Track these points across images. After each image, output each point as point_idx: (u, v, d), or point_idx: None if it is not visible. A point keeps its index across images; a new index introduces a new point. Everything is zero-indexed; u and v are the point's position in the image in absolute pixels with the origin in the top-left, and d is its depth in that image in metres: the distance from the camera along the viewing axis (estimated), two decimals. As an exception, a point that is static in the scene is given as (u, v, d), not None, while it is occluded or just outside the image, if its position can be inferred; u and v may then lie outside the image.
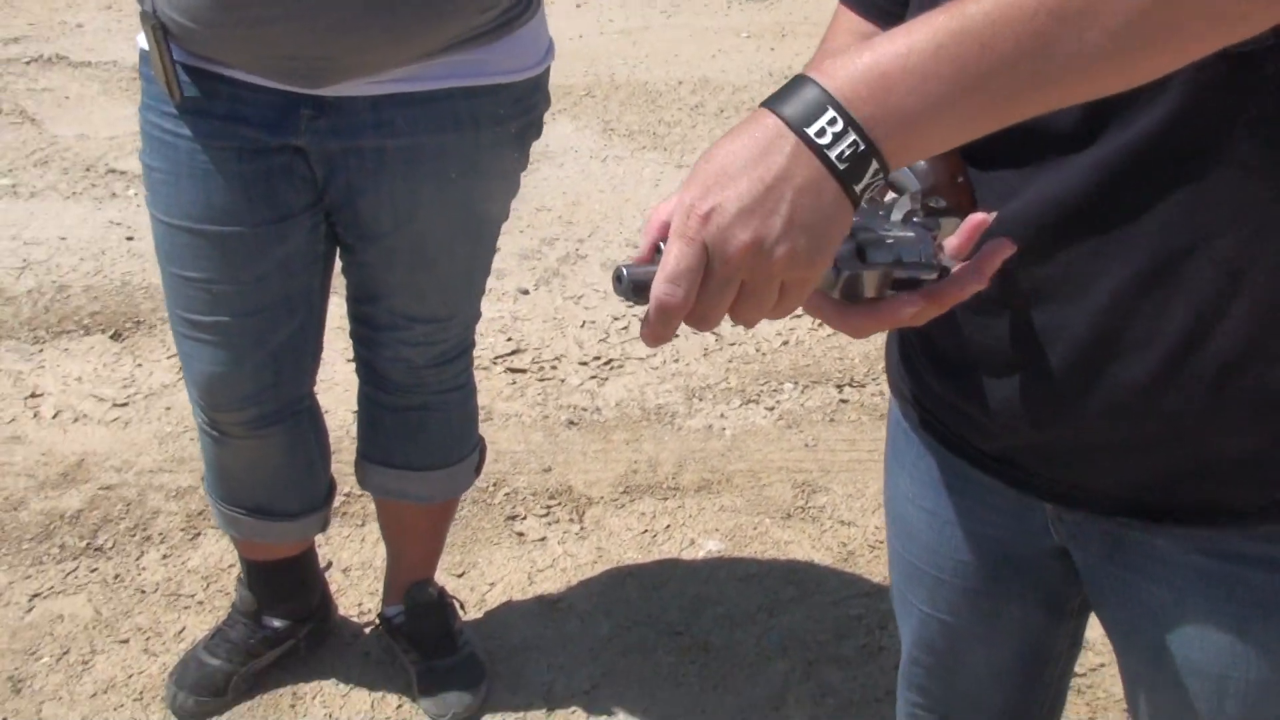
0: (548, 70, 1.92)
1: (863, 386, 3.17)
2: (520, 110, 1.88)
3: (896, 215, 0.89)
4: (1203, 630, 1.06)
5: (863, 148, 0.77)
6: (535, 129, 1.94)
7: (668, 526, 2.69)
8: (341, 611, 2.43)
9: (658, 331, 0.80)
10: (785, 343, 3.35)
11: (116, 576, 2.52)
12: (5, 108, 4.87)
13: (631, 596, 2.49)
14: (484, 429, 2.31)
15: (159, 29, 1.68)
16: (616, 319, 3.46)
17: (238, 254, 1.80)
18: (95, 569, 2.54)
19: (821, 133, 0.77)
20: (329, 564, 2.52)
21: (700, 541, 2.65)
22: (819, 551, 2.61)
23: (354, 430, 2.23)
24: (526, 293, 3.61)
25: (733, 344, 3.34)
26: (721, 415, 3.06)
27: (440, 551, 2.31)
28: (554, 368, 3.26)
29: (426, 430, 2.09)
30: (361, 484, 2.19)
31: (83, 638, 2.36)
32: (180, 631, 2.39)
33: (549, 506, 2.74)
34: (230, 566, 2.52)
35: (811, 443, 2.95)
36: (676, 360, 3.29)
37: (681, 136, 4.74)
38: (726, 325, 3.39)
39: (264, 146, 1.76)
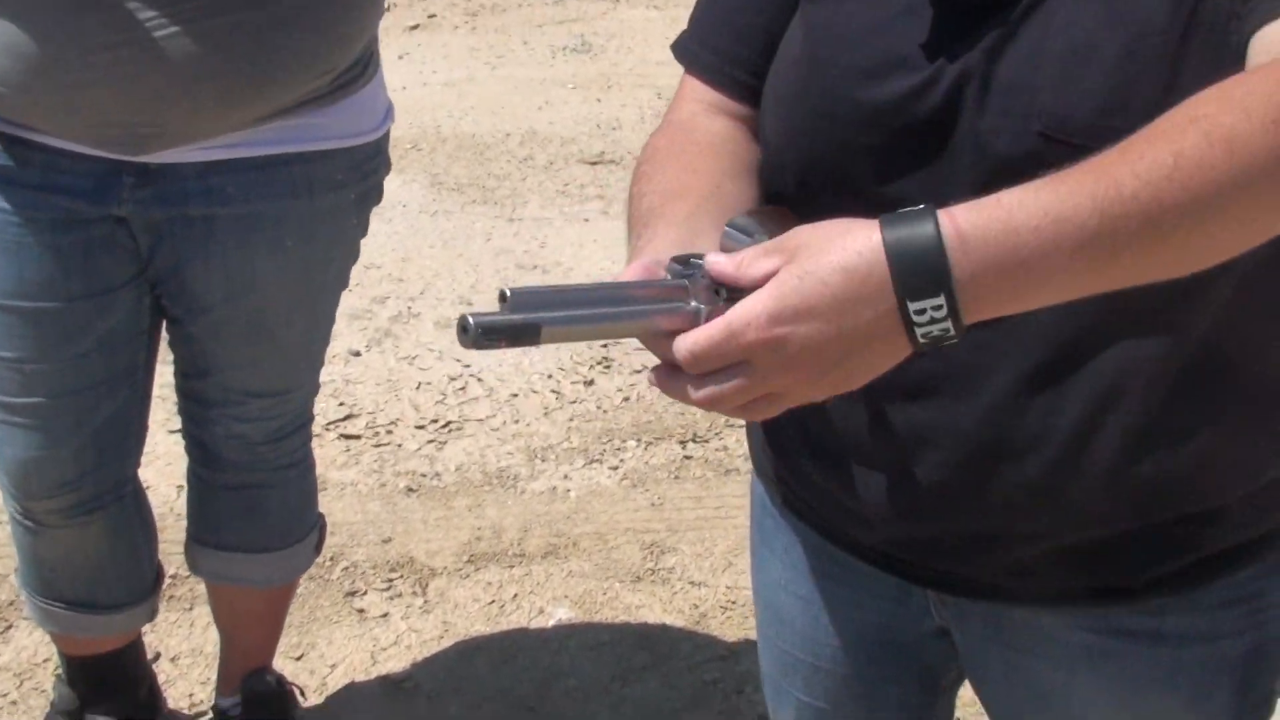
0: (387, 134, 1.85)
1: (706, 441, 3.16)
2: (359, 175, 1.81)
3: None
4: (1092, 707, 1.05)
5: (952, 333, 0.76)
6: (375, 194, 1.87)
7: (515, 595, 2.61)
8: (171, 704, 2.28)
9: (668, 386, 0.81)
10: (626, 399, 3.32)
11: (-83, 677, 2.32)
12: None
13: (481, 672, 2.41)
14: (319, 500, 2.20)
15: None
16: (453, 379, 3.37)
17: (53, 332, 1.68)
18: (-108, 670, 2.33)
19: (923, 313, 0.75)
20: (156, 655, 2.36)
21: (549, 610, 2.58)
22: (670, 614, 2.57)
23: (180, 507, 2.10)
24: (358, 354, 3.49)
25: (573, 402, 3.29)
26: (565, 476, 3.01)
27: (278, 637, 2.19)
28: (389, 432, 3.15)
29: (264, 510, 1.98)
30: (192, 569, 2.07)
31: (-121, 748, 2.16)
32: (-9, 735, 2.21)
33: (390, 580, 2.64)
34: (46, 660, 2.34)
35: (657, 501, 2.92)
36: (517, 421, 3.22)
37: (512, 190, 4.69)
38: (567, 383, 3.36)
39: (82, 217, 1.65)
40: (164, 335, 1.86)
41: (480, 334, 0.74)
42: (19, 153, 1.62)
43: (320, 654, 2.44)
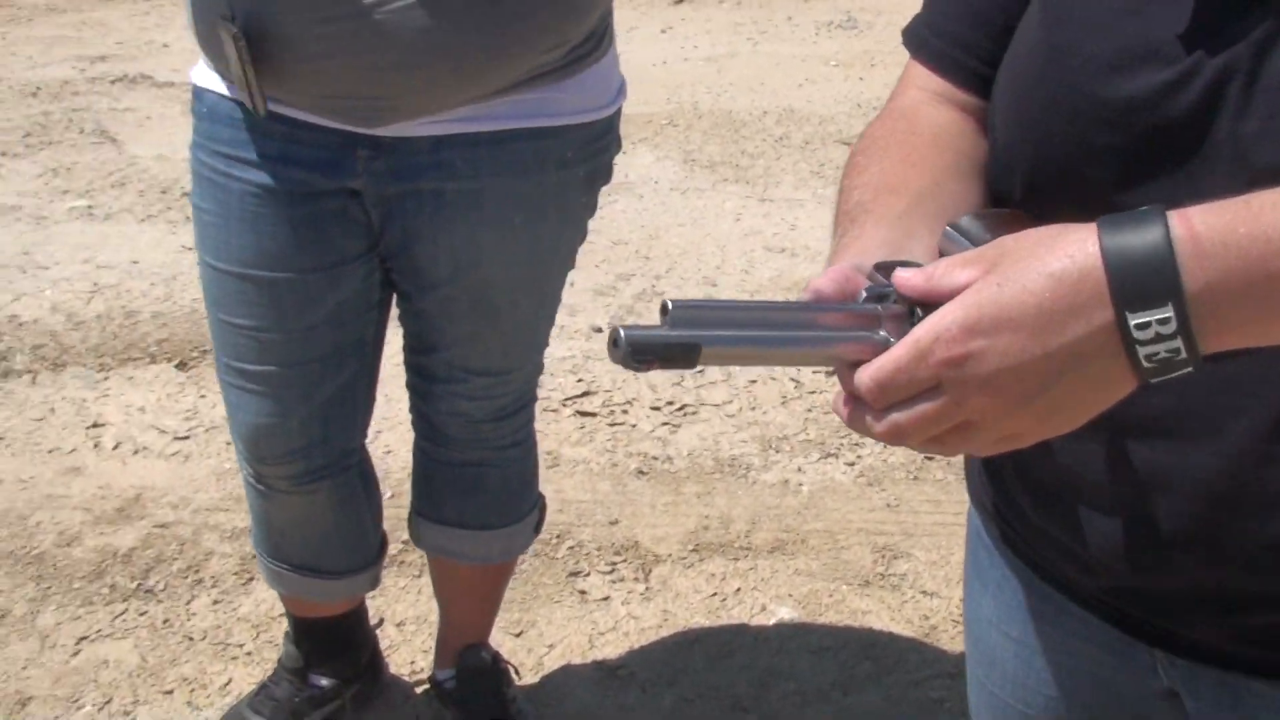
0: (619, 111, 1.80)
1: (949, 442, 3.00)
2: (589, 154, 1.77)
3: None
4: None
5: (1183, 356, 0.64)
6: (605, 173, 1.83)
7: (738, 590, 2.55)
8: (393, 669, 2.32)
9: (855, 420, 0.71)
10: (868, 392, 3.19)
11: (165, 621, 2.43)
12: (87, 127, 4.87)
13: (697, 665, 2.35)
14: (550, 475, 2.20)
15: (239, 38, 1.54)
16: (692, 361, 3.32)
17: (287, 302, 1.70)
18: (145, 612, 2.45)
19: (1146, 327, 0.63)
20: (380, 620, 2.41)
21: (772, 608, 2.50)
22: (899, 624, 2.45)
23: (413, 479, 2.12)
24: (600, 330, 3.48)
25: (812, 392, 3.19)
26: (799, 469, 2.92)
27: (495, 614, 2.19)
28: (625, 412, 3.13)
29: (483, 488, 1.97)
30: (415, 540, 2.08)
31: (126, 686, 2.27)
32: (226, 684, 2.29)
33: (614, 563, 2.61)
34: (280, 616, 2.42)
35: (893, 502, 2.79)
36: (753, 408, 3.15)
37: (765, 169, 4.60)
38: (808, 371, 3.25)
39: (317, 189, 1.66)
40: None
41: (630, 353, 0.66)
42: (260, 124, 1.64)
43: (539, 632, 2.43)
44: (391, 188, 1.68)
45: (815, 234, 4.02)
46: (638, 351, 0.66)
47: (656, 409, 3.14)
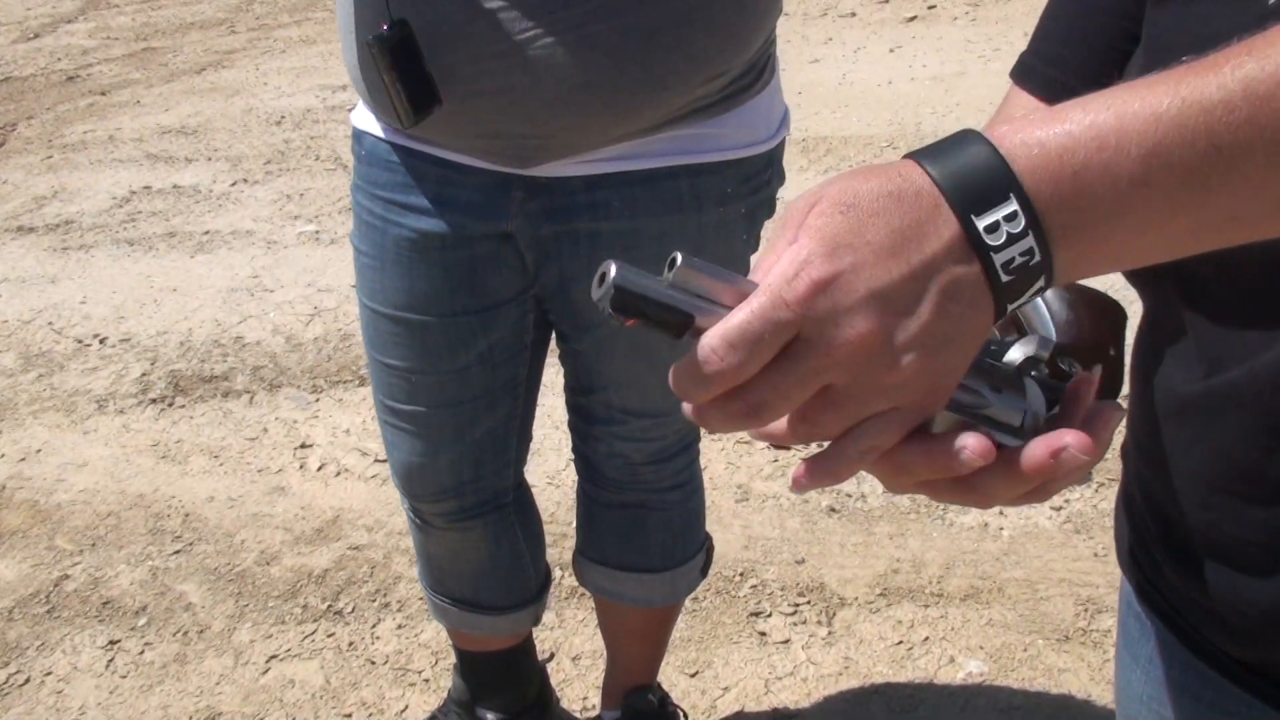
0: (782, 144, 1.73)
1: (1169, 488, 2.79)
2: (750, 189, 1.70)
3: (1013, 356, 0.65)
4: None
5: (1037, 259, 0.57)
6: (768, 208, 1.76)
7: (926, 639, 2.42)
8: (565, 704, 2.30)
9: (683, 388, 0.59)
10: (1082, 431, 3.00)
11: (351, 644, 2.49)
12: (323, 154, 5.08)
13: (876, 717, 2.24)
14: (739, 510, 2.13)
15: (376, 45, 1.48)
16: (894, 394, 3.20)
17: (439, 344, 1.70)
18: (332, 634, 2.52)
19: (994, 228, 0.57)
20: (551, 655, 2.40)
21: (960, 660, 2.37)
22: (1098, 685, 2.28)
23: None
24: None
25: (1021, 429, 3.02)
26: (1000, 512, 2.76)
27: (662, 656, 2.14)
28: (820, 446, 3.03)
29: (644, 530, 1.93)
30: (580, 580, 2.06)
31: (308, 707, 2.33)
32: (403, 710, 2.32)
33: (797, 605, 2.53)
34: (458, 645, 2.44)
35: (1101, 552, 2.61)
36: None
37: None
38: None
39: (471, 233, 1.66)
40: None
41: (612, 296, 0.57)
42: (415, 167, 1.65)
43: (715, 674, 2.37)
44: (546, 229, 1.65)
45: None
46: (622, 297, 0.57)
47: (853, 443, 3.03)
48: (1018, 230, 0.57)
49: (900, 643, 2.42)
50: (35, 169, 5.20)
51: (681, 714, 2.18)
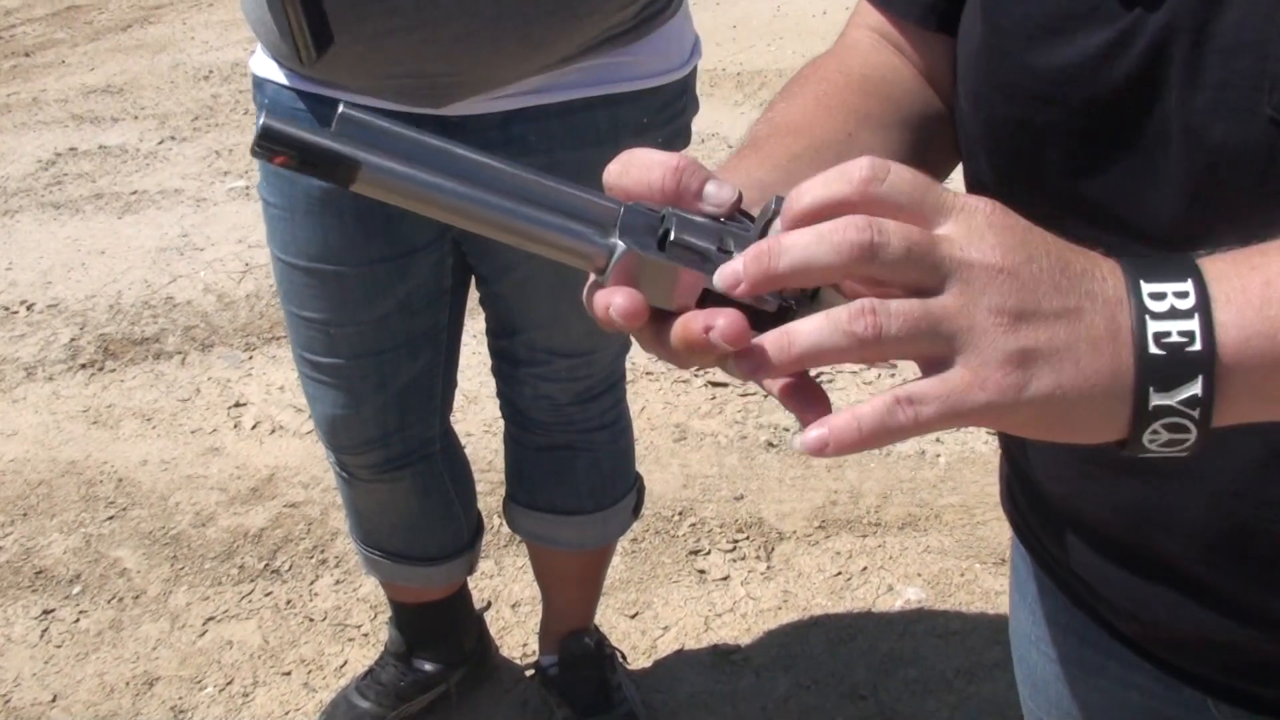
0: (695, 70, 1.70)
1: (1103, 409, 2.81)
2: (666, 118, 1.68)
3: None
4: None
5: (1196, 348, 0.52)
6: (683, 137, 1.74)
7: (864, 569, 2.44)
8: (505, 652, 2.30)
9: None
10: (1017, 356, 3.02)
11: (289, 602, 2.47)
12: (252, 109, 4.98)
13: (815, 650, 2.26)
14: (676, 449, 2.12)
15: None
16: (830, 328, 3.20)
17: (355, 294, 1.67)
18: (270, 593, 2.49)
19: (1161, 297, 0.52)
20: (489, 603, 2.39)
21: (899, 588, 2.38)
22: (1034, 606, 2.30)
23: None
24: (737, 298, 3.38)
25: (957, 357, 3.03)
26: (937, 439, 2.77)
27: (597, 599, 2.13)
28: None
29: (574, 472, 1.92)
30: (511, 526, 2.04)
31: (247, 668, 2.31)
32: (342, 666, 2.31)
33: (735, 541, 2.53)
34: (398, 597, 2.43)
35: (1037, 475, 2.63)
36: (893, 375, 3.00)
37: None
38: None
39: (378, 176, 1.62)
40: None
41: (259, 136, 0.53)
42: (321, 112, 1.61)
43: (655, 614, 2.38)
44: (458, 169, 1.62)
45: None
46: (270, 138, 0.52)
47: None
48: (1185, 308, 0.52)
49: (839, 574, 2.43)
50: (-45, 135, 5.08)
51: (620, 655, 2.18)
